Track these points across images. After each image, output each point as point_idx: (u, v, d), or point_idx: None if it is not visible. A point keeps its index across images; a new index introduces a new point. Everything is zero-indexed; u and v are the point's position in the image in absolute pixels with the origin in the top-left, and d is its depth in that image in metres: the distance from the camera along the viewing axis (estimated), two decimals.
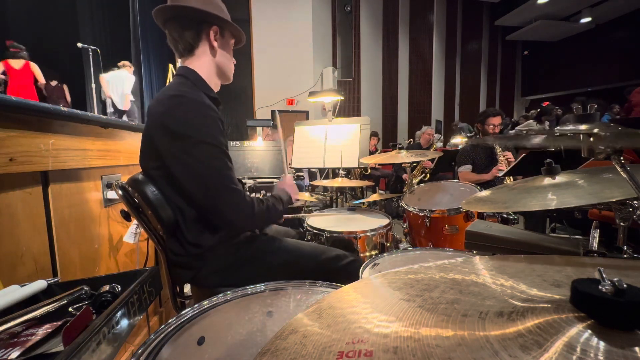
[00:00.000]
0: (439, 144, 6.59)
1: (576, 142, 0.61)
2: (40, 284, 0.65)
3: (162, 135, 0.92)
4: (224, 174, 0.93)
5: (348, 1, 6.97)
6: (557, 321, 0.28)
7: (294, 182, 1.27)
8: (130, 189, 1.02)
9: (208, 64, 1.05)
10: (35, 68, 4.39)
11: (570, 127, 0.67)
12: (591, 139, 0.57)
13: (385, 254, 1.11)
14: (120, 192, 1.01)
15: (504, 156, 2.54)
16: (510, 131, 7.74)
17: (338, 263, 1.08)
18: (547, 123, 6.67)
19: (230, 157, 0.97)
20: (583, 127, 0.66)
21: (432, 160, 3.87)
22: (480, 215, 1.62)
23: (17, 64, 4.28)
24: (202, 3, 0.98)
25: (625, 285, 0.27)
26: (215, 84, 1.09)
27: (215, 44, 1.03)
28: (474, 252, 1.06)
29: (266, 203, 1.03)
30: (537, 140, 0.66)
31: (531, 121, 7.25)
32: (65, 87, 4.85)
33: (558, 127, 0.68)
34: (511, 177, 2.36)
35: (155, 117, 0.93)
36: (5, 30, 5.22)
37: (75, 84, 5.51)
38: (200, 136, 0.91)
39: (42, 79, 4.46)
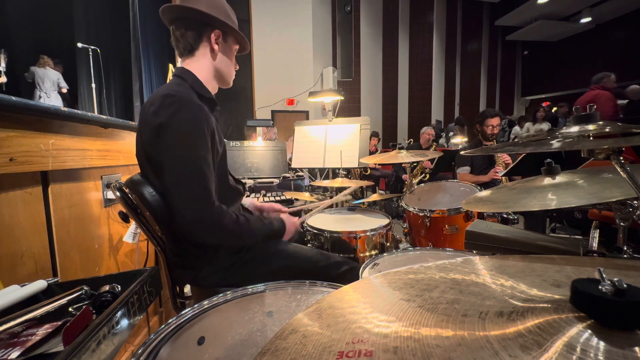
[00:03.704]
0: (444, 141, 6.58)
1: (576, 143, 0.61)
2: (40, 284, 0.65)
3: (150, 134, 0.91)
4: (194, 178, 0.88)
5: (348, 1, 6.96)
6: (557, 321, 0.28)
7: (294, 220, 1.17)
8: (127, 190, 1.01)
9: (207, 66, 1.05)
10: None
11: (571, 129, 0.67)
12: (591, 139, 0.57)
13: (385, 254, 1.11)
14: (117, 193, 1.01)
15: (501, 158, 2.55)
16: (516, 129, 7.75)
17: (337, 270, 1.08)
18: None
19: (209, 162, 0.92)
20: (582, 127, 0.66)
21: (432, 160, 3.87)
22: (480, 215, 1.62)
23: None
24: (209, 7, 0.99)
25: (625, 285, 0.27)
26: (212, 87, 1.08)
27: (216, 47, 1.04)
28: (474, 252, 1.06)
29: (244, 219, 0.96)
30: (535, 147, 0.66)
31: (529, 124, 7.27)
32: None
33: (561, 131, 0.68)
34: (507, 178, 2.36)
35: (146, 116, 0.93)
36: (5, 29, 5.23)
37: (75, 84, 5.52)
38: (183, 135, 0.89)
39: None
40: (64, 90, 5.09)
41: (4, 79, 4.44)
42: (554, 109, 8.28)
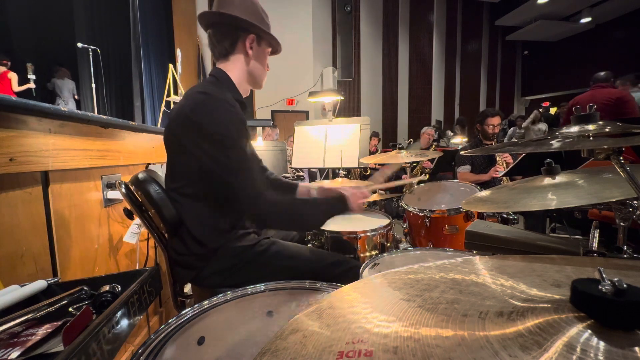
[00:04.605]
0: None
1: (576, 143, 0.61)
2: (40, 284, 0.65)
3: (187, 130, 0.94)
4: (241, 167, 0.94)
5: (348, 1, 6.96)
6: (557, 321, 0.28)
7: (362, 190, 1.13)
8: (132, 187, 1.03)
9: (240, 69, 1.07)
10: (12, 76, 4.85)
11: (571, 129, 0.67)
12: (591, 139, 0.57)
13: (385, 254, 1.11)
14: (123, 190, 1.02)
15: (502, 157, 2.55)
16: (511, 130, 7.75)
17: (338, 269, 1.08)
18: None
19: (245, 151, 0.97)
20: (582, 127, 0.66)
21: (431, 160, 3.87)
22: (480, 215, 1.62)
23: None
24: (243, 12, 1.00)
25: (625, 285, 0.27)
26: (244, 90, 1.11)
27: (250, 52, 1.05)
28: (474, 252, 1.06)
29: (284, 207, 1.00)
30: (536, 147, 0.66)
31: (527, 123, 7.26)
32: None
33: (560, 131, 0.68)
34: (508, 178, 2.36)
35: (181, 111, 0.96)
36: (6, 30, 5.24)
37: (75, 84, 5.53)
38: (221, 130, 0.93)
39: (16, 87, 4.88)
40: (76, 97, 5.80)
41: (32, 84, 4.99)
42: (553, 109, 8.26)
